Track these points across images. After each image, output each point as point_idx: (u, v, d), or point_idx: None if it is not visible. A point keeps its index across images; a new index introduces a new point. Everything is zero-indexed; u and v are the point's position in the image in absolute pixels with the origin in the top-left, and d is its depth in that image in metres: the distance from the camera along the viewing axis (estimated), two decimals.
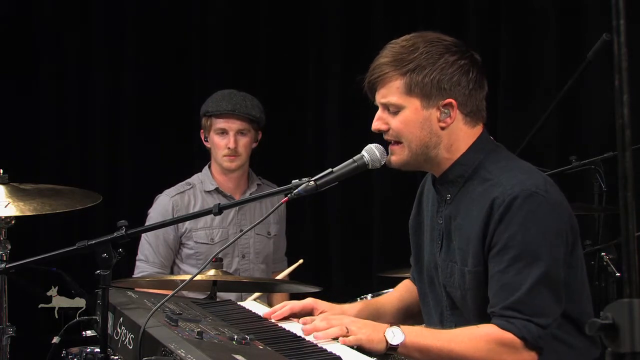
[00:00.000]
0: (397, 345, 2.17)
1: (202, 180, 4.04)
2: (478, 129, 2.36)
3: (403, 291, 2.70)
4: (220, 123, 3.92)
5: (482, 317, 2.26)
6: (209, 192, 4.00)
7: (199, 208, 3.93)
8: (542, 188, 2.23)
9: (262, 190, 4.03)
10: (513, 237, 2.18)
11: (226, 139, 3.92)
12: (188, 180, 4.05)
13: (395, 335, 2.17)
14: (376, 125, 2.36)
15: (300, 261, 3.79)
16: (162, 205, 3.95)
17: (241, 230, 3.93)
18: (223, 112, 3.90)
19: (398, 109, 2.32)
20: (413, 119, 2.31)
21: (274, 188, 4.05)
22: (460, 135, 2.33)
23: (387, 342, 2.17)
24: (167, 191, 4.00)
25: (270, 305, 3.88)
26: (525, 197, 2.19)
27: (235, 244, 3.95)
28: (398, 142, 2.35)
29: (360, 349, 2.15)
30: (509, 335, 2.16)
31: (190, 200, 3.98)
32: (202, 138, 4.04)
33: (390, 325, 2.20)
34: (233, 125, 3.91)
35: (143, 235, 3.94)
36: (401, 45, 2.33)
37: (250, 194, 4.04)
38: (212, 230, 3.96)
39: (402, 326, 2.21)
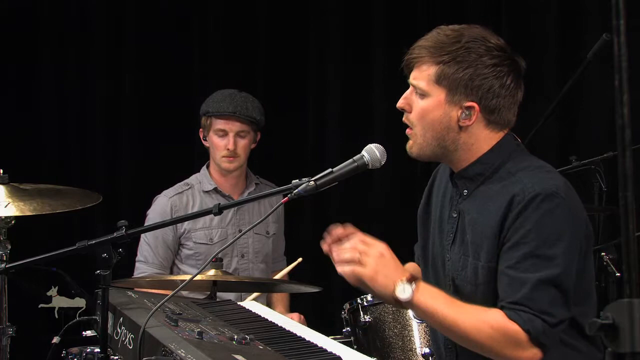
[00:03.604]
0: (403, 300, 2.15)
1: (200, 180, 4.04)
2: (502, 133, 2.34)
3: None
4: (220, 124, 3.92)
5: None
6: (207, 192, 4.01)
7: (198, 208, 3.94)
8: (563, 190, 2.21)
9: (260, 190, 4.05)
10: (527, 234, 2.17)
11: (225, 140, 3.92)
12: (186, 180, 4.06)
13: (405, 291, 2.15)
14: (401, 103, 2.34)
15: (299, 259, 3.78)
16: (161, 206, 3.95)
17: (240, 230, 3.95)
18: (224, 113, 3.90)
19: (424, 95, 2.30)
20: (434, 109, 2.29)
21: (272, 187, 4.09)
22: (481, 137, 2.31)
23: (394, 294, 2.15)
24: (165, 192, 4.00)
25: (269, 305, 3.89)
26: (545, 196, 2.18)
27: (234, 244, 3.95)
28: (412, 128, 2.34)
29: (359, 346, 2.15)
30: (514, 327, 2.14)
31: (189, 200, 3.98)
32: (201, 137, 4.04)
33: (406, 279, 2.16)
34: (233, 126, 3.91)
35: (142, 236, 3.94)
36: (445, 34, 2.29)
37: (249, 193, 4.04)
38: (211, 231, 3.96)
39: (419, 283, 2.17)
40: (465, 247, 2.32)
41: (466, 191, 2.35)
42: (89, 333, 2.90)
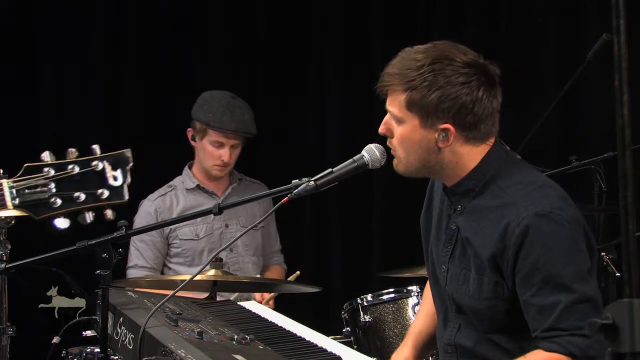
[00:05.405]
0: None
1: (183, 180, 4.12)
2: (486, 146, 2.29)
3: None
4: (218, 137, 3.97)
5: (496, 328, 2.25)
6: (190, 190, 4.06)
7: (182, 207, 4.01)
8: (557, 206, 2.18)
9: (243, 186, 4.15)
10: (537, 260, 2.14)
11: (221, 151, 3.98)
12: (169, 183, 4.13)
13: None
14: (382, 129, 2.33)
15: (297, 273, 3.79)
16: (146, 210, 4.02)
17: (226, 225, 4.04)
18: (226, 130, 3.94)
19: (400, 121, 2.28)
20: (411, 135, 2.27)
21: (257, 183, 4.16)
22: (464, 154, 2.28)
23: None
24: (149, 196, 4.08)
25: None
26: (542, 218, 2.15)
27: (221, 239, 4.03)
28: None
29: (359, 346, 2.15)
30: (556, 357, 2.12)
31: (173, 201, 4.04)
32: (189, 136, 4.07)
33: None
34: (231, 140, 3.98)
35: (131, 243, 3.98)
36: (411, 58, 2.26)
37: (233, 188, 4.11)
38: (196, 227, 4.01)
39: None
40: (466, 260, 2.30)
41: (460, 206, 2.33)
42: (89, 333, 2.90)
